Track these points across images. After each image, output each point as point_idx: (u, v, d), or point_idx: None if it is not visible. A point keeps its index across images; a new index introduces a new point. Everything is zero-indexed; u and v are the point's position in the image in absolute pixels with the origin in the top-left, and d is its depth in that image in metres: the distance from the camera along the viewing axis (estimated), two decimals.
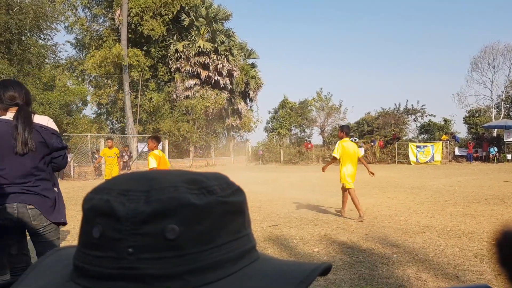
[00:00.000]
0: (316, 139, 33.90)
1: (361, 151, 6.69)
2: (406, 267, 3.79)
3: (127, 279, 0.34)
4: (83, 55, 28.08)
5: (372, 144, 27.18)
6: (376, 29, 70.85)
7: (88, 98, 27.83)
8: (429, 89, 57.48)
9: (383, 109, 30.65)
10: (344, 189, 6.55)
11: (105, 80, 27.25)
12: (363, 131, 30.29)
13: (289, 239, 5.12)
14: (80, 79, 28.41)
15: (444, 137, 26.52)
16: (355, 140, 29.26)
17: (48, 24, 19.24)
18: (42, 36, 19.47)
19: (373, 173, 6.60)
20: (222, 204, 0.38)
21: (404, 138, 28.63)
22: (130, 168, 16.73)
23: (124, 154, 19.37)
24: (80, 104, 28.01)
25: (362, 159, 6.63)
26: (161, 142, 6.62)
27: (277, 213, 7.17)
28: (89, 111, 47.91)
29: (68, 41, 28.98)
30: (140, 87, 25.46)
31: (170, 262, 0.34)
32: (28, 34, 18.38)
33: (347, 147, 6.38)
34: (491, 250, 0.43)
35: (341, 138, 6.57)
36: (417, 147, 24.96)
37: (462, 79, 66.68)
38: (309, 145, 29.69)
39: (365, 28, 71.82)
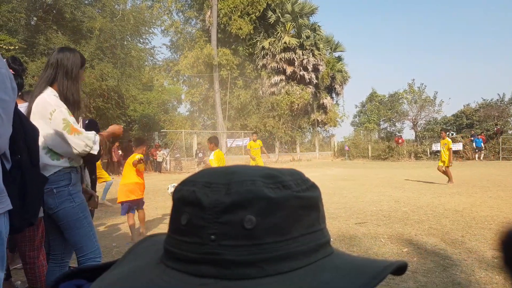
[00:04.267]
0: (408, 133, 32.13)
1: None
2: None
3: (209, 263, 0.37)
4: (178, 56, 30.08)
5: (472, 138, 24.89)
6: (475, 10, 64.28)
7: (182, 96, 29.73)
8: None
9: (484, 100, 27.88)
10: None
11: (197, 79, 28.91)
12: (461, 124, 27.91)
13: (376, 237, 5.00)
14: (175, 79, 30.47)
15: None
16: (452, 134, 27.06)
17: (147, 29, 20.96)
18: (141, 40, 21.29)
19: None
20: (297, 198, 0.41)
21: (509, 132, 25.73)
22: (205, 164, 17.63)
23: (198, 151, 20.40)
24: (175, 103, 30.00)
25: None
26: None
27: (364, 210, 7.02)
28: (183, 109, 51.15)
29: (164, 44, 31.27)
30: (228, 85, 26.53)
31: (248, 250, 0.37)
32: (129, 39, 20.19)
33: (220, 155, 7.02)
34: (496, 250, 0.45)
35: (212, 149, 7.26)
36: None
37: None
38: (400, 140, 28.19)
39: (462, 10, 65.61)
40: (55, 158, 2.23)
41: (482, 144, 23.66)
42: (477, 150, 23.99)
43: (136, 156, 5.50)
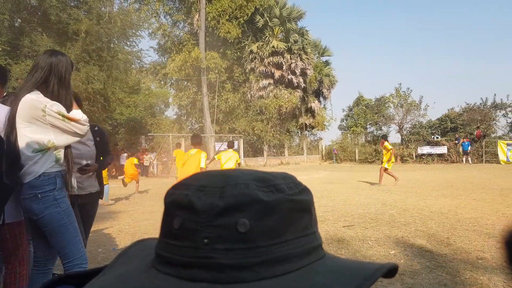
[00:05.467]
0: (394, 137, 32.54)
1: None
2: (493, 274, 3.55)
3: (202, 267, 0.36)
4: (165, 59, 29.89)
5: (456, 142, 25.30)
6: (459, 17, 65.44)
7: (170, 100, 29.52)
8: None
9: (468, 104, 28.46)
10: None
11: (185, 83, 28.76)
12: (445, 128, 28.41)
13: (364, 240, 5.04)
14: (162, 82, 30.23)
15: None
16: (437, 137, 27.48)
17: (134, 31, 20.77)
18: (128, 43, 21.07)
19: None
20: (290, 201, 0.41)
21: (492, 135, 26.26)
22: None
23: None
24: (163, 106, 29.77)
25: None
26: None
27: (351, 213, 7.07)
28: (171, 112, 50.79)
29: (151, 47, 31.07)
30: (217, 88, 26.47)
31: (241, 254, 0.37)
32: (116, 41, 19.96)
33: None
34: (500, 250, 0.46)
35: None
36: (508, 145, 22.69)
37: None
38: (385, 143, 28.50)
39: (447, 17, 66.72)
40: (43, 159, 2.18)
41: (469, 147, 24.00)
42: (463, 154, 24.35)
43: (202, 154, 6.16)
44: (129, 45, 21.14)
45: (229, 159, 8.02)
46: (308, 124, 31.77)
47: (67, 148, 2.33)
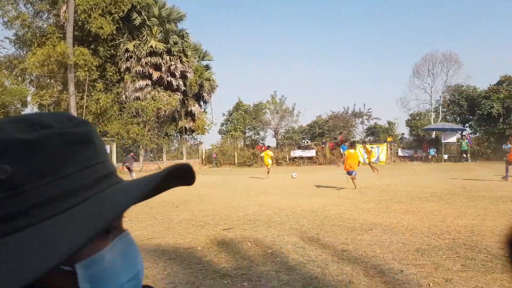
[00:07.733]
0: (270, 141, 34.35)
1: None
2: (356, 264, 3.93)
3: None
4: (24, 52, 26.45)
5: (323, 145, 27.94)
6: (326, 36, 72.76)
7: (29, 99, 26.14)
8: (375, 94, 60.15)
9: (333, 112, 31.74)
10: None
11: (48, 80, 25.83)
12: (314, 133, 31.13)
13: (242, 241, 5.13)
14: (19, 78, 26.67)
15: (389, 138, 27.89)
16: (307, 142, 29.99)
17: None
18: None
19: None
20: (61, 135, 0.38)
21: (352, 139, 29.76)
22: None
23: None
24: (19, 105, 26.23)
25: None
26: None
27: (231, 216, 7.16)
28: (29, 112, 45.13)
29: (7, 37, 27.14)
30: (86, 87, 24.38)
31: (10, 202, 0.34)
32: None
33: None
34: (503, 249, 0.45)
35: None
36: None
37: (405, 85, 71.20)
38: (263, 147, 29.93)
39: (316, 34, 73.56)
40: None
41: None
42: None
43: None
44: None
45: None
46: (188, 128, 31.47)
47: None
